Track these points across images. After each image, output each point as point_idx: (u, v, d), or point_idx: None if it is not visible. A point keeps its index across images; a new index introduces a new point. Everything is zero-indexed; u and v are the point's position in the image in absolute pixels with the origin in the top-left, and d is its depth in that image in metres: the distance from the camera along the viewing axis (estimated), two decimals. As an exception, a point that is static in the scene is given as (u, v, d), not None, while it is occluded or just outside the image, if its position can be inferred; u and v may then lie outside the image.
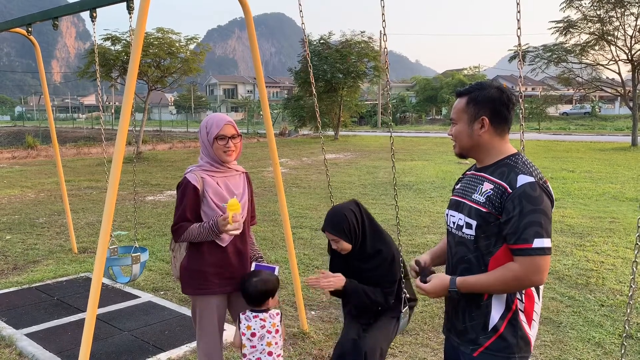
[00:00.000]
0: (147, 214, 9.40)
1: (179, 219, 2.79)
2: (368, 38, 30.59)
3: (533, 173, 1.93)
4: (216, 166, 2.85)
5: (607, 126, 40.88)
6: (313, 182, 13.19)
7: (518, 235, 1.87)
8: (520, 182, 1.90)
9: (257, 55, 4.02)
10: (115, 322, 4.55)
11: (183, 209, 2.78)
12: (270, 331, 2.70)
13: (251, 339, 2.68)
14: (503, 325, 1.98)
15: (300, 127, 34.08)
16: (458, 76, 59.28)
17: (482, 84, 2.09)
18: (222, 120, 2.83)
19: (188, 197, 2.78)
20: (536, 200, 1.87)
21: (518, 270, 1.88)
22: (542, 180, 1.94)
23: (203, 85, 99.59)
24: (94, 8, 4.16)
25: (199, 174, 2.82)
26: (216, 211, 2.79)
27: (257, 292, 2.69)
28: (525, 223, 1.86)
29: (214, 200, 2.80)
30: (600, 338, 4.18)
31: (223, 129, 2.80)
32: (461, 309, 2.10)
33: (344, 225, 2.92)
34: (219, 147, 2.80)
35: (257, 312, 2.72)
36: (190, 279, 2.88)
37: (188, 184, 2.79)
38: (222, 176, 2.87)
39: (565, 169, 14.77)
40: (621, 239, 7.16)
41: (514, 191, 1.90)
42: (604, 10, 21.65)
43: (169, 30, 20.79)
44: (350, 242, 2.93)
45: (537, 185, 1.90)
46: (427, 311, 4.76)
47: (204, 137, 2.85)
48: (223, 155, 2.82)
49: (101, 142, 25.54)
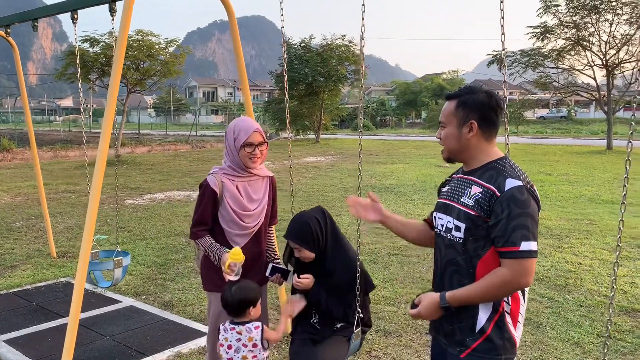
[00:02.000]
0: (127, 218, 9.30)
1: (197, 220, 2.87)
2: (349, 42, 30.75)
3: (521, 177, 1.97)
4: (238, 171, 2.88)
5: (583, 130, 41.63)
6: (294, 186, 13.15)
7: (506, 238, 1.90)
8: (509, 186, 1.93)
9: (242, 57, 4.02)
10: (96, 327, 4.49)
11: (201, 212, 2.85)
12: (246, 345, 2.62)
13: (227, 351, 2.62)
14: (490, 327, 2.01)
15: (281, 130, 34.07)
16: (437, 80, 59.81)
17: (472, 88, 2.12)
18: (250, 128, 2.83)
19: (206, 199, 2.84)
20: (524, 204, 1.91)
21: (506, 274, 1.91)
22: (529, 184, 1.98)
23: (182, 87, 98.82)
24: (75, 10, 4.11)
25: (219, 178, 2.85)
26: (232, 215, 2.84)
27: (234, 301, 2.61)
28: (513, 226, 1.89)
29: (231, 205, 2.83)
30: (579, 338, 4.26)
31: (251, 137, 2.81)
32: (449, 311, 2.12)
33: (306, 233, 2.82)
34: (245, 155, 2.82)
35: (235, 324, 2.65)
36: (207, 274, 2.95)
37: (207, 187, 2.84)
38: (244, 181, 2.90)
39: (543, 172, 15.00)
40: (598, 240, 7.30)
41: (502, 195, 1.92)
42: (579, 17, 22.10)
43: (148, 32, 20.61)
44: (313, 252, 2.84)
45: (525, 189, 1.94)
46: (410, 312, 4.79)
47: (230, 142, 2.86)
48: (249, 162, 2.85)
49: (79, 145, 25.27)
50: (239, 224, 2.87)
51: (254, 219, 2.93)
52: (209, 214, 2.84)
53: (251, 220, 2.91)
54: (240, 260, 2.69)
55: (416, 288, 5.44)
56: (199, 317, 4.77)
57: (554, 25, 22.99)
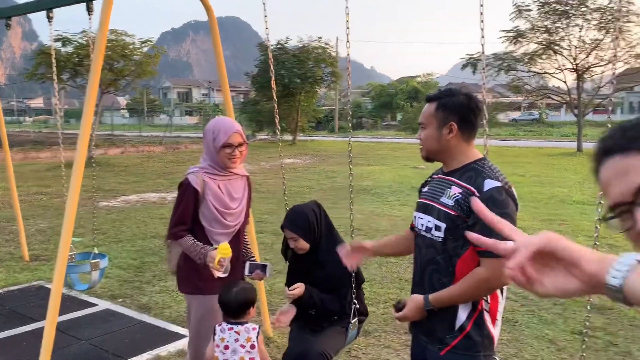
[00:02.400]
0: (101, 220, 9.15)
1: (177, 220, 2.81)
2: (325, 44, 30.84)
3: (499, 178, 2.01)
4: (219, 170, 2.86)
5: (554, 132, 42.42)
6: (272, 187, 13.16)
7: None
8: (487, 187, 1.97)
9: (222, 58, 4.01)
10: (72, 331, 4.42)
11: (182, 211, 2.80)
12: (243, 345, 2.62)
13: (224, 351, 2.60)
14: (469, 325, 2.05)
15: (257, 131, 33.95)
16: (412, 83, 60.27)
17: (452, 90, 2.16)
18: (230, 129, 2.82)
19: (187, 199, 2.80)
20: (502, 204, 1.95)
21: (485, 274, 1.95)
22: (508, 185, 2.02)
23: (156, 88, 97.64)
24: (51, 8, 4.05)
25: (200, 176, 2.82)
26: (214, 214, 2.81)
27: (237, 303, 2.62)
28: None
29: (214, 204, 2.81)
30: (553, 335, 4.35)
31: (231, 137, 2.80)
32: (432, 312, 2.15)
33: (305, 223, 2.92)
34: (224, 155, 2.81)
35: (233, 325, 2.64)
36: (185, 277, 2.90)
37: (189, 186, 2.80)
38: (224, 180, 2.88)
39: (516, 174, 15.26)
40: (570, 240, 7.45)
41: (481, 195, 1.96)
42: (550, 21, 22.55)
43: (122, 32, 20.35)
44: (308, 242, 2.92)
45: (503, 189, 1.98)
46: (388, 313, 4.84)
47: (209, 141, 2.84)
48: (228, 162, 2.84)
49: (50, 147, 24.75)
50: (221, 223, 2.85)
51: (236, 218, 2.93)
52: (189, 214, 2.81)
53: (233, 219, 2.91)
54: (229, 256, 2.68)
55: (394, 288, 5.49)
56: (176, 319, 4.73)
57: (526, 30, 23.43)
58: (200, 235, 2.85)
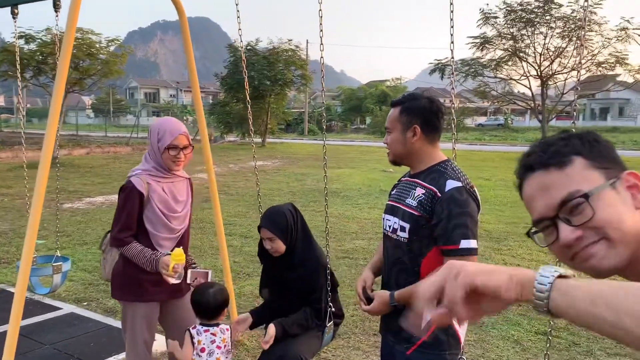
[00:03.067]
0: (65, 222, 8.94)
1: (122, 227, 2.70)
2: (295, 46, 30.83)
3: (461, 178, 2.07)
4: (162, 172, 2.78)
5: (519, 137, 43.35)
6: (241, 189, 13.08)
7: (447, 237, 1.99)
8: (449, 187, 2.03)
9: (192, 58, 3.98)
10: (35, 336, 4.30)
11: (126, 216, 2.70)
12: (220, 347, 2.61)
13: (200, 354, 2.57)
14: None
15: (226, 133, 33.69)
16: (381, 87, 60.82)
17: (415, 94, 2.23)
18: (176, 131, 2.74)
19: (132, 202, 2.70)
20: (463, 204, 2.01)
21: None
22: (469, 185, 2.08)
23: (123, 88, 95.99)
24: (16, 4, 3.94)
25: (144, 179, 2.73)
26: (160, 217, 2.73)
27: (216, 304, 2.60)
28: (453, 225, 1.98)
29: (159, 207, 2.73)
30: (518, 336, 4.45)
31: (177, 139, 2.72)
32: (396, 310, 2.19)
33: (283, 224, 2.88)
34: (168, 157, 2.73)
35: (208, 327, 2.61)
36: (123, 284, 2.81)
37: (133, 189, 2.70)
38: (168, 182, 2.80)
39: (482, 177, 15.56)
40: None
41: (443, 195, 2.02)
42: (516, 29, 23.12)
43: (88, 30, 19.94)
44: (285, 243, 2.88)
45: (464, 189, 2.04)
46: (357, 314, 4.87)
47: (154, 142, 2.75)
48: (172, 165, 2.76)
49: (11, 146, 24.06)
50: (167, 227, 2.77)
51: (181, 221, 2.86)
52: (134, 219, 2.71)
53: (178, 222, 2.84)
54: (183, 262, 2.62)
55: (363, 290, 5.52)
56: (144, 323, 4.65)
57: (492, 36, 23.96)
58: (144, 241, 2.75)
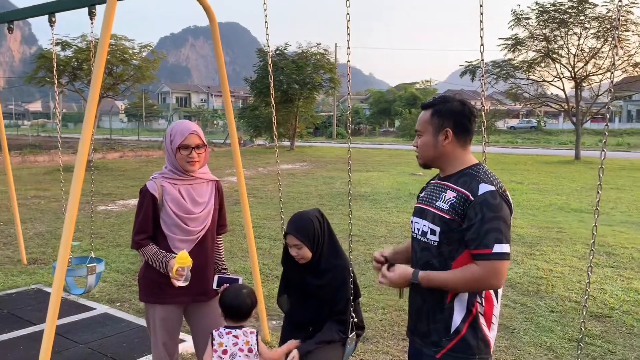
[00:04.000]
0: (99, 224, 9.15)
1: (138, 229, 2.77)
2: (324, 50, 30.91)
3: (494, 182, 2.03)
4: (179, 174, 2.80)
5: (552, 140, 42.59)
6: (269, 192, 13.16)
7: (479, 240, 1.96)
8: (482, 191, 2.00)
9: (222, 62, 4.03)
10: (70, 335, 4.41)
11: (142, 219, 2.76)
12: (242, 349, 2.58)
13: (222, 356, 2.56)
14: (464, 328, 2.07)
15: (255, 137, 33.98)
16: (410, 90, 60.51)
17: (446, 97, 2.20)
18: (187, 130, 2.77)
19: (146, 206, 2.76)
20: (496, 208, 1.97)
21: (479, 273, 1.97)
22: (502, 189, 2.04)
23: (155, 93, 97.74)
24: (54, 13, 4.07)
25: (159, 182, 2.78)
26: (174, 219, 2.75)
27: (247, 306, 2.60)
28: (486, 229, 1.95)
29: (173, 209, 2.75)
30: (551, 343, 4.36)
31: (187, 139, 2.74)
32: (425, 313, 2.17)
33: (310, 230, 2.82)
34: (182, 157, 2.75)
35: (231, 329, 2.60)
36: (145, 287, 2.86)
37: (146, 193, 2.76)
38: (186, 184, 2.81)
39: (514, 181, 15.32)
40: (568, 247, 7.48)
41: (476, 199, 1.99)
42: (549, 29, 22.67)
43: (122, 36, 20.40)
44: (311, 250, 2.83)
45: (497, 193, 2.00)
46: (386, 319, 4.84)
47: (167, 144, 2.80)
48: (186, 165, 2.77)
49: (48, 150, 24.73)
50: (182, 228, 2.78)
51: (199, 223, 2.83)
52: (150, 221, 2.75)
53: (196, 224, 2.81)
54: (188, 265, 2.62)
55: (392, 294, 5.48)
56: (175, 324, 4.72)
57: (524, 38, 23.55)
58: (162, 243, 2.78)
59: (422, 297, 2.17)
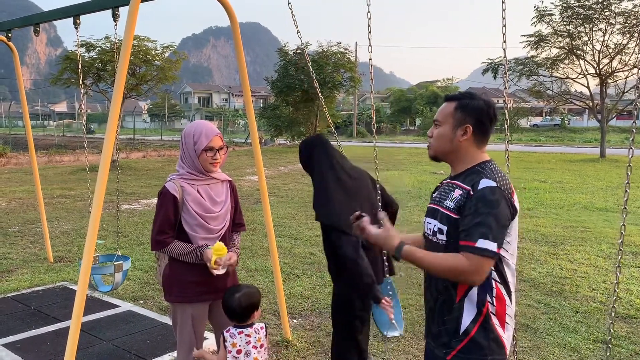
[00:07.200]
0: (123, 223, 9.28)
1: (159, 229, 2.78)
2: (344, 49, 30.88)
3: (497, 179, 1.98)
4: (197, 175, 2.84)
5: (576, 138, 41.88)
6: (290, 192, 13.20)
7: (466, 232, 1.92)
8: (482, 185, 1.96)
9: (244, 62, 4.06)
10: (95, 332, 4.49)
11: (163, 220, 2.77)
12: (255, 346, 2.64)
13: (237, 356, 2.61)
14: (474, 329, 2.03)
15: (276, 136, 34.12)
16: (432, 88, 60.03)
17: (472, 93, 2.16)
18: (212, 132, 2.81)
19: (166, 207, 2.77)
20: (492, 204, 1.92)
21: (465, 265, 1.91)
22: (505, 188, 1.98)
23: (177, 93, 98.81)
24: (78, 15, 4.14)
25: (178, 183, 2.81)
26: (197, 219, 2.79)
27: (241, 308, 2.63)
28: (475, 222, 1.91)
29: (194, 209, 2.79)
30: (575, 344, 4.29)
31: (213, 141, 2.79)
32: (436, 313, 2.16)
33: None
34: (206, 159, 2.80)
35: (242, 328, 2.65)
36: (170, 287, 2.88)
37: (167, 194, 2.78)
38: (204, 184, 2.86)
39: (538, 179, 15.09)
40: (593, 247, 7.36)
41: (475, 193, 1.96)
42: (573, 26, 22.29)
43: (144, 38, 20.65)
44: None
45: (498, 190, 1.95)
46: (407, 318, 4.82)
47: (189, 146, 2.81)
48: (209, 167, 2.82)
49: (73, 150, 25.19)
50: (205, 227, 2.82)
51: (220, 222, 2.88)
52: (170, 222, 2.78)
53: (217, 222, 2.87)
54: (225, 255, 2.70)
55: (412, 294, 5.47)
56: (197, 321, 4.77)
57: (548, 34, 23.19)
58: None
59: (433, 297, 2.16)
